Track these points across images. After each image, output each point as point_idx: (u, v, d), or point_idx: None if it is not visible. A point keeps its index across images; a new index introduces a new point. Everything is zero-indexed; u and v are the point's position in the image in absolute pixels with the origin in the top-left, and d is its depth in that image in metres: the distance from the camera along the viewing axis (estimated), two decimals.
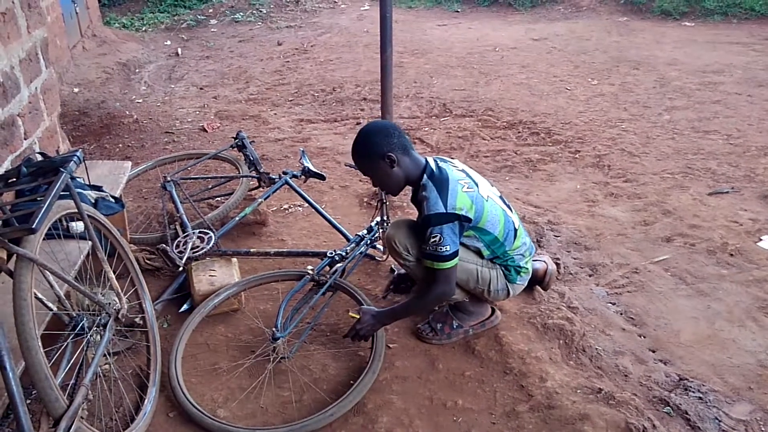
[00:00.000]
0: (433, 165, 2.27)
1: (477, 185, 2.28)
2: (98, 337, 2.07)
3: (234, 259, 2.92)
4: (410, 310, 2.42)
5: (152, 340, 2.43)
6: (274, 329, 2.41)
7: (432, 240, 2.16)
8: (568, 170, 4.21)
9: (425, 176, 2.23)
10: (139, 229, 3.39)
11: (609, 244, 3.29)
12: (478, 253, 2.36)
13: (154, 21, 8.84)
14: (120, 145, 4.70)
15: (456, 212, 2.16)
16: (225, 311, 2.72)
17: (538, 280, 2.79)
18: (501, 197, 2.46)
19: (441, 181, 2.19)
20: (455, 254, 2.19)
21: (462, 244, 2.29)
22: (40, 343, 1.71)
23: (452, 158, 2.45)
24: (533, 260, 2.87)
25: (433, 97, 5.62)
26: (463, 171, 2.33)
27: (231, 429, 2.13)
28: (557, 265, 3.01)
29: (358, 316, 2.44)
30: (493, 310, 2.61)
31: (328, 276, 2.68)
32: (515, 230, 2.37)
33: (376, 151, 2.20)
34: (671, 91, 5.57)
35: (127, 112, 5.33)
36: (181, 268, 2.82)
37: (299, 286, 2.65)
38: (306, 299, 2.62)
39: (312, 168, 3.29)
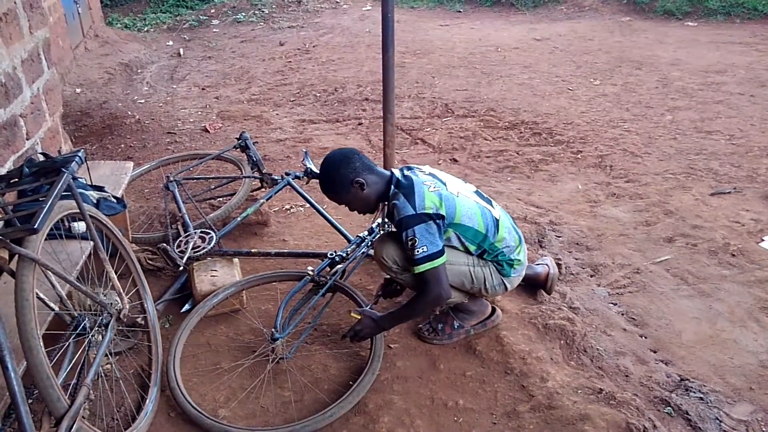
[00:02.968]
0: (398, 175, 2.32)
1: (445, 184, 2.30)
2: (100, 337, 2.08)
3: (236, 260, 2.93)
4: (407, 315, 2.40)
5: (154, 340, 2.44)
6: (273, 330, 2.42)
7: (410, 243, 2.17)
8: (570, 170, 4.21)
9: (393, 187, 2.29)
10: (141, 228, 3.40)
11: (611, 245, 3.29)
12: (467, 251, 2.35)
13: (156, 21, 8.87)
14: (122, 146, 4.72)
15: (426, 212, 2.17)
16: (225, 311, 2.72)
17: (541, 283, 2.80)
18: (478, 192, 2.46)
19: (407, 187, 2.23)
20: (438, 254, 2.17)
21: (448, 246, 2.29)
22: (41, 343, 1.71)
23: (422, 165, 2.46)
24: (537, 263, 2.88)
25: (435, 97, 5.62)
26: (430, 174, 2.34)
27: (230, 429, 2.14)
28: (558, 266, 3.01)
29: (359, 317, 2.44)
30: (494, 309, 2.61)
31: (328, 277, 2.68)
32: (496, 221, 2.34)
33: (344, 181, 2.27)
34: (674, 92, 5.56)
35: (129, 113, 5.34)
36: (181, 268, 2.82)
37: (299, 286, 2.65)
38: (305, 300, 2.62)
39: (314, 169, 3.28)
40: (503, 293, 2.49)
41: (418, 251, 2.14)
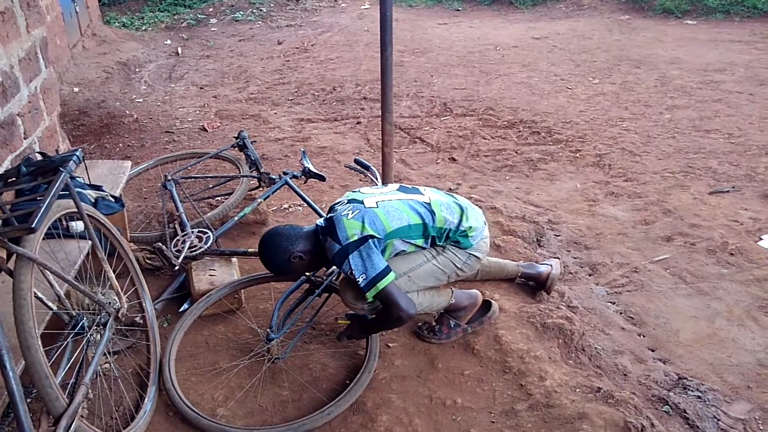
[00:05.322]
0: (320, 222, 2.34)
1: (362, 202, 2.27)
2: (98, 336, 2.08)
3: (234, 259, 2.93)
4: (380, 328, 2.40)
5: (152, 340, 2.44)
6: (268, 330, 2.42)
7: (351, 276, 2.17)
8: (569, 169, 4.21)
9: (321, 237, 2.30)
10: (139, 227, 3.39)
11: (609, 244, 3.29)
12: (419, 248, 2.32)
13: (154, 20, 8.85)
14: (120, 145, 4.71)
15: (351, 240, 2.16)
16: (222, 311, 2.71)
17: (541, 282, 2.80)
18: (402, 187, 2.43)
19: (329, 228, 2.24)
20: (383, 273, 2.14)
21: (400, 256, 2.29)
22: (40, 342, 1.71)
23: (343, 196, 2.44)
24: (542, 263, 2.88)
25: (434, 96, 5.62)
26: (348, 202, 2.31)
27: (227, 429, 2.14)
28: None
29: (348, 323, 2.46)
30: (489, 303, 2.60)
31: (324, 277, 2.68)
32: (428, 206, 2.31)
33: (285, 263, 2.28)
34: (672, 90, 5.56)
35: (127, 112, 5.33)
36: (177, 267, 2.81)
37: (294, 287, 2.65)
38: (301, 300, 2.62)
39: (312, 169, 3.29)
40: (479, 263, 2.46)
41: (359, 280, 2.14)
